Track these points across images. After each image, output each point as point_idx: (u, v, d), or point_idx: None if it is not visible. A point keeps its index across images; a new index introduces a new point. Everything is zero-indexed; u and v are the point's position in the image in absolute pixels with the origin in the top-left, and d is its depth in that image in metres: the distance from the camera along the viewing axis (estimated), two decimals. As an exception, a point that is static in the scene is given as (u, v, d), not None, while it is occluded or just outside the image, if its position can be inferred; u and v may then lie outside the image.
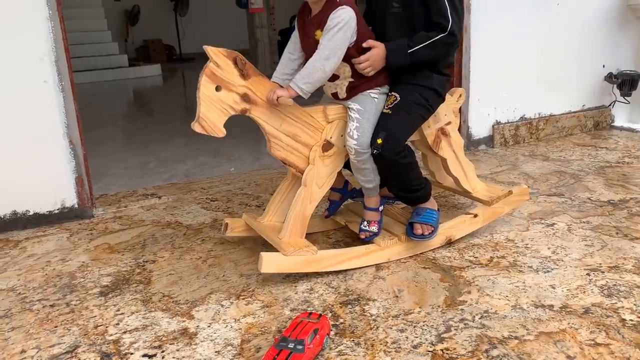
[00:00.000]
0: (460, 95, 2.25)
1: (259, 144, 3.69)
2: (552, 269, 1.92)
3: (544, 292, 1.77)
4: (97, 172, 3.10)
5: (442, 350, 1.49)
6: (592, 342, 1.50)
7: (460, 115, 2.94)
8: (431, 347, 1.51)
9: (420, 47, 1.86)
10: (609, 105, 3.97)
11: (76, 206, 2.55)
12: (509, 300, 1.73)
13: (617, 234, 2.19)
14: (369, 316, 1.67)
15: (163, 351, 1.54)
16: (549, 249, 2.08)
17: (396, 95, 1.93)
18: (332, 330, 1.59)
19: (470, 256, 2.04)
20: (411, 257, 2.04)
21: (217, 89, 1.70)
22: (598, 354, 1.45)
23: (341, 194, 2.20)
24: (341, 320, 1.65)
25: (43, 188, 2.47)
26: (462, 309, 1.68)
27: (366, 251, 1.98)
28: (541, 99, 3.69)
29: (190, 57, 10.15)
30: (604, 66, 3.87)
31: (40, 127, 2.41)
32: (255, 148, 3.71)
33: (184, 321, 1.68)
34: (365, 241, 2.02)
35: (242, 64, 1.73)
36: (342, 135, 1.93)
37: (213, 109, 1.70)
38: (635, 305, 1.68)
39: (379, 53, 1.86)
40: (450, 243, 2.13)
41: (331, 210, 2.22)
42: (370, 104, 1.91)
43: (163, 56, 10.21)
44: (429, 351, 1.49)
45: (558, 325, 1.59)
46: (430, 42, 1.86)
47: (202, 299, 1.80)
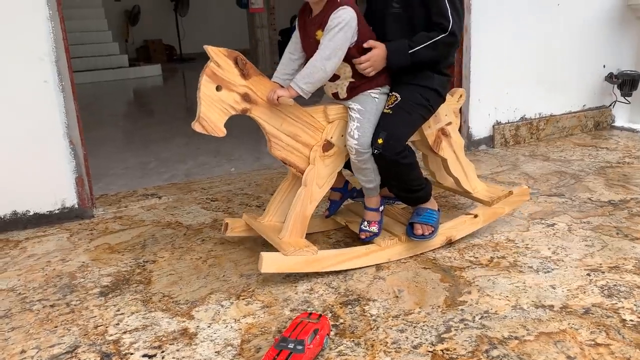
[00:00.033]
0: (461, 96, 2.25)
1: (260, 143, 3.68)
2: (553, 269, 1.92)
3: (544, 292, 1.77)
4: (97, 172, 3.10)
5: (442, 350, 1.49)
6: (593, 343, 1.50)
7: (460, 116, 2.94)
8: (431, 347, 1.51)
9: (421, 47, 1.86)
10: (610, 105, 3.97)
11: (76, 206, 2.55)
12: (509, 301, 1.73)
13: (617, 234, 2.19)
14: (369, 316, 1.67)
15: (163, 351, 1.54)
16: (549, 249, 2.08)
17: (397, 95, 1.93)
18: (332, 331, 1.59)
19: (471, 256, 2.04)
20: (411, 257, 2.04)
21: (218, 88, 1.70)
22: (598, 354, 1.45)
23: (341, 194, 2.20)
24: (341, 321, 1.65)
25: (43, 188, 2.47)
26: (462, 309, 1.68)
27: (366, 251, 1.98)
28: (542, 99, 3.69)
29: (190, 57, 10.16)
30: (604, 66, 3.87)
31: (41, 127, 2.41)
32: (256, 148, 3.71)
33: (184, 321, 1.68)
34: (365, 241, 2.02)
35: (243, 63, 1.73)
36: (342, 135, 1.93)
37: (214, 108, 1.70)
38: (635, 305, 1.67)
39: (379, 53, 1.86)
40: (450, 243, 2.13)
41: (331, 210, 2.22)
42: (371, 104, 1.91)
43: (163, 56, 10.22)
44: (429, 351, 1.49)
45: (558, 325, 1.58)
46: (431, 42, 1.86)
47: (202, 299, 1.80)
